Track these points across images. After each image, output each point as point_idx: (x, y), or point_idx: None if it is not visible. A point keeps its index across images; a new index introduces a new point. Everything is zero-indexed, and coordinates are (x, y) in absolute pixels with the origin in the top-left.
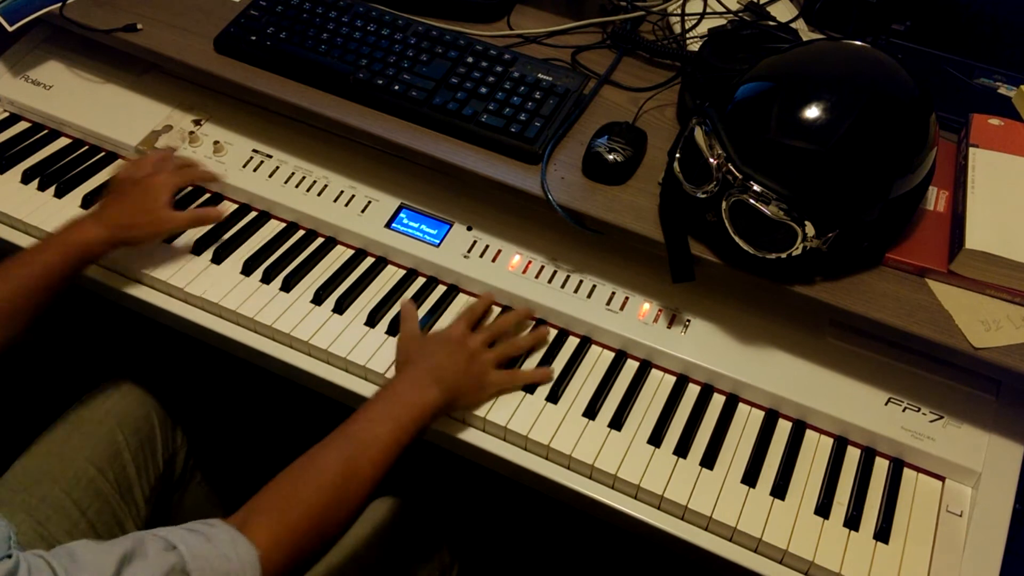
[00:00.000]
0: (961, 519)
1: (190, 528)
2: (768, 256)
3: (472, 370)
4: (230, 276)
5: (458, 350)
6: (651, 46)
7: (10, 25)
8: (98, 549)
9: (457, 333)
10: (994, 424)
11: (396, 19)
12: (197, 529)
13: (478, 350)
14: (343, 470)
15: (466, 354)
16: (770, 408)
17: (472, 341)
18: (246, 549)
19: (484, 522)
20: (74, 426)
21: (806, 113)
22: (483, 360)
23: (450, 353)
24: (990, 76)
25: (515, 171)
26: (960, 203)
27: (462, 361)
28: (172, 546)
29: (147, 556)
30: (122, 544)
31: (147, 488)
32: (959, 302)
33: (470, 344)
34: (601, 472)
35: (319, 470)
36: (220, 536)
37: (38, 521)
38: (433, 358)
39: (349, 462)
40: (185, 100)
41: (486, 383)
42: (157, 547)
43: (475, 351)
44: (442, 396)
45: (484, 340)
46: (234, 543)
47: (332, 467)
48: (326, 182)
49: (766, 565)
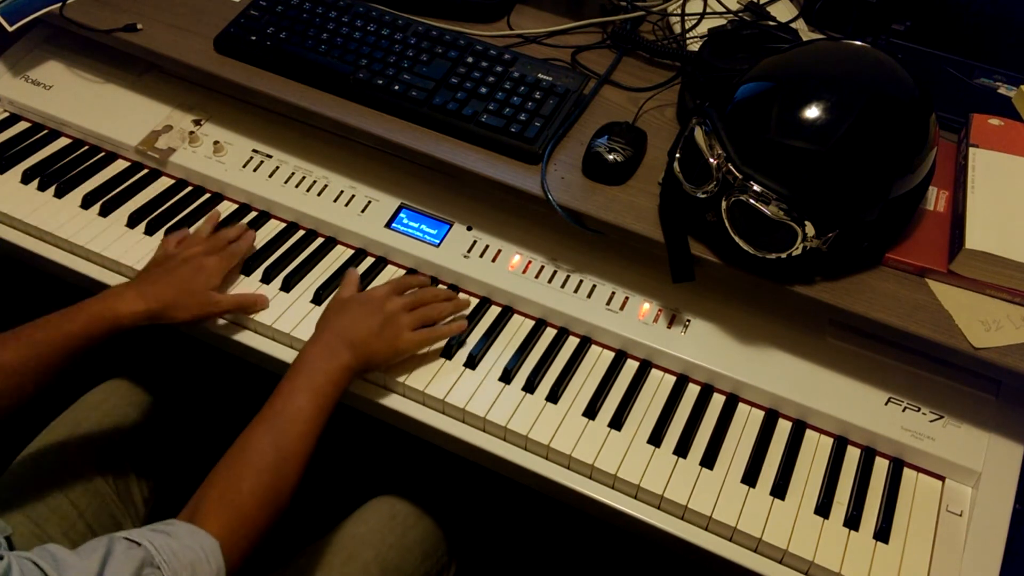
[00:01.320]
0: (961, 519)
1: (152, 528)
2: (768, 256)
3: (386, 332)
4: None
5: (374, 311)
6: (651, 46)
7: (10, 25)
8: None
9: (378, 295)
10: (994, 424)
11: (396, 19)
12: (156, 528)
13: (396, 312)
14: (276, 449)
15: (381, 315)
16: (770, 408)
17: (391, 303)
18: (205, 539)
19: (483, 522)
20: (72, 426)
21: (806, 113)
22: (399, 322)
23: (365, 314)
24: (990, 76)
25: (515, 171)
26: (960, 203)
27: (376, 322)
28: (136, 543)
29: (115, 554)
30: (97, 547)
31: (146, 488)
32: (959, 302)
33: (388, 306)
34: (601, 472)
35: (254, 451)
36: (179, 531)
37: (35, 522)
38: (345, 319)
39: (279, 439)
40: (185, 100)
41: (400, 344)
42: (122, 546)
43: (392, 312)
44: (353, 357)
45: (405, 304)
46: (193, 534)
47: (266, 447)
48: (326, 182)
49: (766, 565)
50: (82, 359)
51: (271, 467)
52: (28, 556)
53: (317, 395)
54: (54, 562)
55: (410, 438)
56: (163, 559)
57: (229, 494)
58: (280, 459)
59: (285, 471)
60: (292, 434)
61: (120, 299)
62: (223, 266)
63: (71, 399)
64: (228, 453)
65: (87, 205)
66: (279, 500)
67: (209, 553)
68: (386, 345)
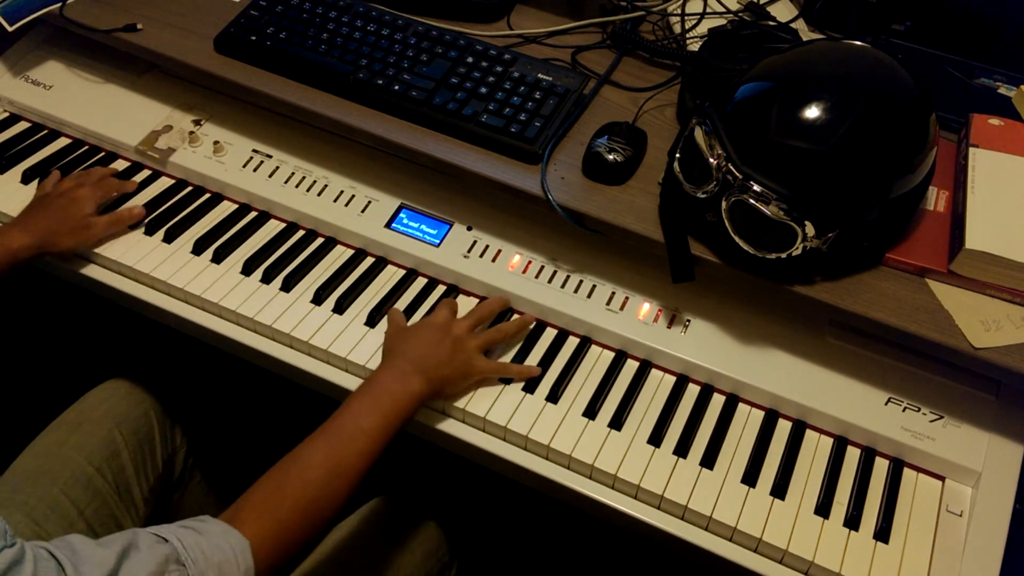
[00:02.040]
0: (961, 519)
1: (181, 524)
2: (768, 256)
3: (457, 358)
4: (230, 276)
5: (442, 338)
6: (651, 46)
7: (10, 25)
8: (95, 543)
9: (441, 320)
10: (994, 424)
11: (396, 19)
12: (188, 525)
13: (462, 337)
14: (329, 464)
15: (450, 341)
16: (770, 408)
17: (456, 328)
18: (237, 539)
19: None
20: (72, 426)
21: (806, 113)
22: (468, 347)
23: (434, 342)
24: (990, 76)
25: (515, 171)
26: (960, 203)
27: (446, 349)
28: (163, 539)
29: (140, 549)
30: (119, 539)
31: (146, 488)
32: (959, 302)
33: (454, 331)
34: (601, 472)
35: (306, 465)
36: (211, 529)
37: (35, 521)
38: (416, 348)
39: (335, 455)
40: (185, 100)
41: (471, 370)
42: (149, 540)
43: (459, 337)
44: (427, 385)
45: (469, 326)
46: (225, 534)
47: (318, 461)
48: (326, 182)
49: (766, 565)
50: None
51: (319, 481)
52: (44, 545)
53: (382, 418)
54: (71, 552)
55: (411, 438)
56: (189, 556)
57: (272, 499)
58: (331, 475)
59: (334, 488)
60: (348, 452)
61: (7, 236)
62: (95, 194)
63: (71, 399)
64: (281, 461)
65: None
66: (322, 514)
67: (239, 553)
68: (458, 372)
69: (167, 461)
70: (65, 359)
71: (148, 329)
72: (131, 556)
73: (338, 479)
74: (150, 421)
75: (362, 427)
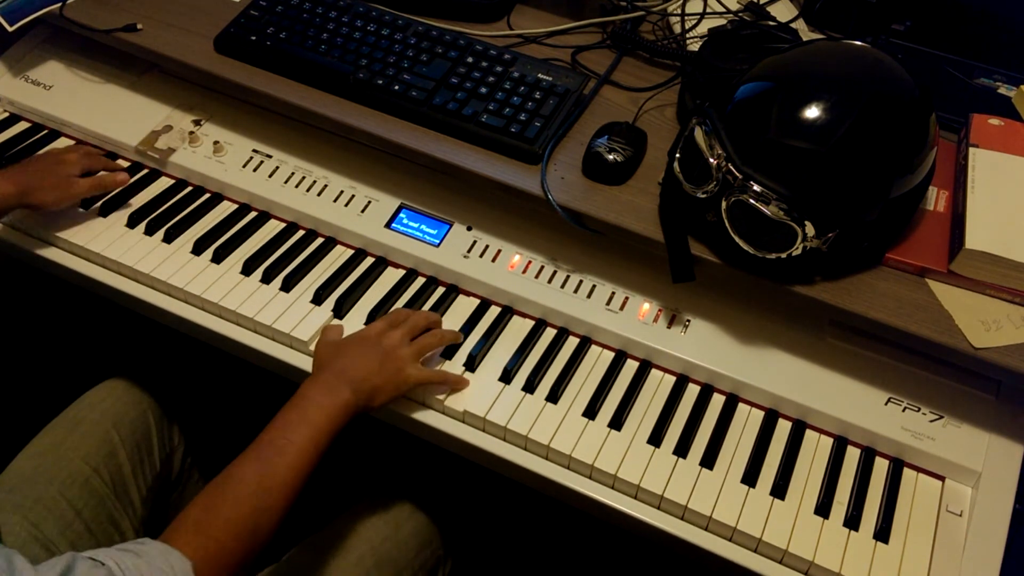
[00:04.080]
0: (961, 519)
1: (121, 548)
2: (768, 256)
3: (387, 367)
4: (230, 276)
5: (371, 348)
6: (651, 46)
7: (10, 25)
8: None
9: (372, 332)
10: (994, 424)
11: (396, 19)
12: (126, 548)
13: (395, 346)
14: (259, 478)
15: (380, 351)
16: (770, 408)
17: (388, 338)
18: (178, 559)
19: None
20: (70, 426)
21: (806, 113)
22: (400, 355)
23: (363, 352)
24: (990, 76)
25: (515, 171)
26: (960, 203)
27: (375, 359)
28: (100, 563)
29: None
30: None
31: (143, 488)
32: (959, 302)
33: (385, 341)
34: (601, 472)
35: (237, 481)
36: (150, 551)
37: (32, 522)
38: (343, 360)
39: (264, 470)
40: (185, 100)
41: (403, 379)
42: (85, 566)
43: (391, 347)
44: (353, 396)
45: (402, 335)
46: (165, 555)
47: (249, 477)
48: (326, 182)
49: (766, 565)
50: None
51: (251, 497)
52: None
53: (311, 430)
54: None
55: (408, 436)
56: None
57: (205, 520)
58: (262, 491)
59: (267, 504)
60: (279, 467)
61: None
62: (81, 161)
63: (71, 399)
64: (214, 480)
65: (87, 205)
66: (257, 532)
67: (180, 573)
68: (388, 381)
69: (165, 461)
70: (63, 359)
71: (146, 329)
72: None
73: (270, 493)
74: (147, 421)
75: (291, 440)
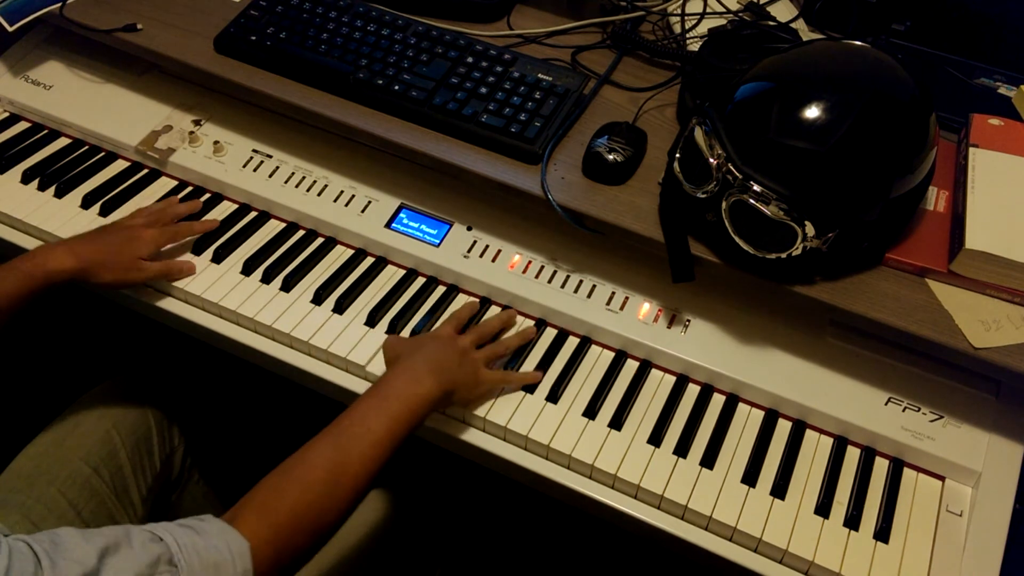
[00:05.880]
0: (961, 519)
1: (180, 523)
2: (768, 256)
3: (466, 366)
4: (230, 276)
5: (451, 347)
6: (651, 46)
7: (10, 25)
8: (81, 536)
9: (445, 333)
10: (994, 424)
11: (396, 19)
12: (187, 524)
13: (468, 348)
14: (332, 466)
15: (458, 350)
16: (770, 408)
17: (461, 340)
18: (236, 540)
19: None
20: (70, 426)
21: (806, 113)
22: (474, 358)
23: (442, 347)
24: (990, 76)
25: (515, 171)
26: (960, 203)
27: (455, 355)
28: (158, 538)
29: (132, 547)
30: (107, 534)
31: (144, 488)
32: (959, 302)
33: (459, 343)
34: (601, 472)
35: (308, 466)
36: (209, 529)
37: (33, 522)
38: (426, 351)
39: (339, 457)
40: (185, 100)
41: (480, 379)
42: (143, 538)
43: (465, 348)
44: (439, 387)
45: (472, 340)
46: (223, 534)
47: (321, 463)
48: (326, 182)
49: (766, 565)
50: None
51: (320, 483)
52: (25, 538)
53: (391, 420)
54: (52, 546)
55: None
56: (183, 558)
57: (270, 502)
58: (333, 478)
59: (337, 491)
60: (353, 454)
61: (51, 255)
62: (160, 239)
63: (71, 399)
64: (285, 461)
65: (87, 205)
66: (325, 518)
67: (236, 555)
68: (467, 376)
69: (165, 461)
70: (63, 359)
71: (146, 329)
72: (119, 553)
73: (342, 482)
74: (148, 421)
75: (369, 428)
